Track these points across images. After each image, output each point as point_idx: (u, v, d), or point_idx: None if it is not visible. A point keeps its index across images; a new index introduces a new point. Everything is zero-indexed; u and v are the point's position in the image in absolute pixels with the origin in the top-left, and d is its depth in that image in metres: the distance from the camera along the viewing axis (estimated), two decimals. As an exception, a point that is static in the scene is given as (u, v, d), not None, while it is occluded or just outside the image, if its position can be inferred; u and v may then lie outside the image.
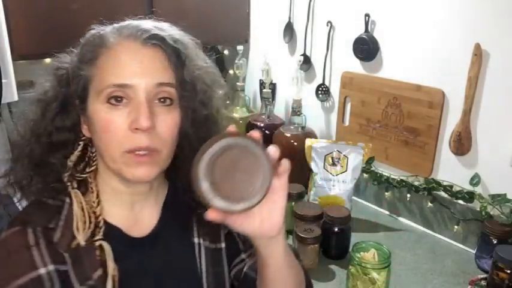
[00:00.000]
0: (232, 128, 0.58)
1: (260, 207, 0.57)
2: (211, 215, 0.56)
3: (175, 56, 0.70)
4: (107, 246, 0.69)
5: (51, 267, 0.66)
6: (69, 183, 0.73)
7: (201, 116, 0.75)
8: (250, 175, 0.55)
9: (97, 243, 0.69)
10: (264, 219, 0.59)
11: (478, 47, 1.24)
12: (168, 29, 0.73)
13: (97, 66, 0.69)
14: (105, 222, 0.73)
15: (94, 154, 0.75)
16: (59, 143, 0.73)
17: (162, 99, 0.69)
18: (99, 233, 0.70)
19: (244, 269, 0.83)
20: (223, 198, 0.55)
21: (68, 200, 0.72)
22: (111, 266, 0.68)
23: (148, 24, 0.72)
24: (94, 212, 0.72)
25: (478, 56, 1.24)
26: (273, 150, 0.57)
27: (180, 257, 0.79)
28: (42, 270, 0.66)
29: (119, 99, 0.67)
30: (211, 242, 0.81)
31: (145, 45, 0.69)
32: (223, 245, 0.82)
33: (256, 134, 0.56)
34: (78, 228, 0.69)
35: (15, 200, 0.84)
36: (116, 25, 0.73)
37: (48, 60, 1.39)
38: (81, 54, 0.72)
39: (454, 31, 1.32)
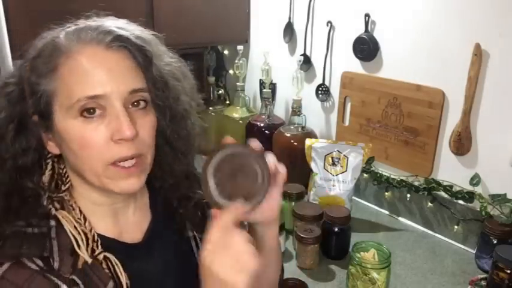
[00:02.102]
0: (230, 139, 0.66)
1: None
2: (214, 211, 0.65)
3: (142, 55, 0.66)
4: (111, 256, 0.67)
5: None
6: (50, 206, 0.67)
7: (176, 112, 0.73)
8: (252, 179, 0.65)
9: (101, 257, 0.66)
10: (264, 210, 0.70)
11: (478, 47, 1.25)
12: (128, 27, 0.68)
13: (59, 78, 0.63)
14: (98, 235, 0.69)
15: (64, 170, 0.71)
16: (28, 165, 0.67)
17: (135, 103, 0.66)
18: (98, 246, 0.67)
19: None
20: (226, 197, 0.64)
21: (52, 223, 0.66)
22: (123, 274, 0.67)
23: (108, 24, 0.66)
24: (83, 229, 0.68)
25: (478, 56, 1.24)
26: (271, 158, 0.67)
27: (179, 253, 0.79)
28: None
29: (92, 110, 0.63)
30: (202, 233, 0.81)
31: (110, 49, 0.64)
32: None
33: (256, 143, 0.66)
34: (80, 247, 0.65)
35: None
36: (69, 29, 0.66)
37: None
38: (35, 66, 0.64)
39: (454, 31, 1.32)
